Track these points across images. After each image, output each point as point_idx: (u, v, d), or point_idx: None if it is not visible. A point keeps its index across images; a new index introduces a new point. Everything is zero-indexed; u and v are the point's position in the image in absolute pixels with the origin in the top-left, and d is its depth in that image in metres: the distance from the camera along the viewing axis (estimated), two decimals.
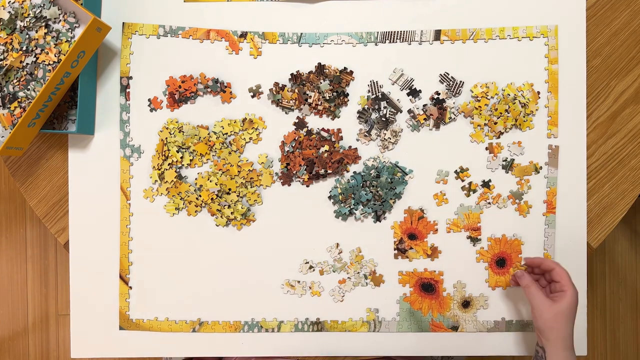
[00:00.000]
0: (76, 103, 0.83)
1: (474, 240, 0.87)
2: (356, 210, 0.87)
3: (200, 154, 0.87)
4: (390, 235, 0.88)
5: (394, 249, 0.88)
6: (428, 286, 0.88)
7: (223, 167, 0.87)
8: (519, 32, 0.87)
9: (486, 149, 0.87)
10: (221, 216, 0.87)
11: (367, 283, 0.88)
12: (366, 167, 0.87)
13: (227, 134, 0.87)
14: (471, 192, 0.87)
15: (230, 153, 0.87)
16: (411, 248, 0.87)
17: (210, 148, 0.87)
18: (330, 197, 0.87)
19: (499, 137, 0.87)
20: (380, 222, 0.88)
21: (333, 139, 0.87)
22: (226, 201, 0.87)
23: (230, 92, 0.88)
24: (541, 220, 0.87)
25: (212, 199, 0.87)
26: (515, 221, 0.87)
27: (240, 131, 0.87)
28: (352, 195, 0.87)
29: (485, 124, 0.87)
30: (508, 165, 0.87)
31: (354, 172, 0.87)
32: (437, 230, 0.87)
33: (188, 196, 0.87)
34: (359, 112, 0.88)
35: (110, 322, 0.89)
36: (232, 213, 0.87)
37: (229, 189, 0.87)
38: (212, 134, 0.87)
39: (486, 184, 0.87)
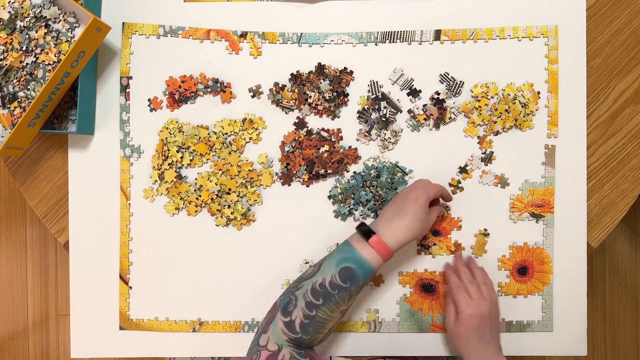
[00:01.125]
0: (76, 103, 0.83)
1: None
2: (356, 210, 0.87)
3: (200, 154, 0.87)
4: None
5: (417, 245, 0.88)
6: (428, 287, 0.88)
7: (223, 167, 0.87)
8: (519, 32, 0.87)
9: (478, 142, 0.87)
10: (221, 216, 0.87)
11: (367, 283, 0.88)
12: (366, 167, 0.87)
13: (227, 134, 0.87)
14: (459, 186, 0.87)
15: (230, 153, 0.87)
16: (434, 244, 0.87)
17: (210, 148, 0.87)
18: (330, 197, 0.87)
19: (496, 135, 0.87)
20: None
21: (333, 139, 0.87)
22: (226, 201, 0.87)
23: (230, 92, 0.88)
24: (540, 220, 0.87)
25: (212, 199, 0.87)
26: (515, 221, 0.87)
27: (240, 131, 0.87)
28: (352, 195, 0.87)
29: (485, 124, 0.87)
30: (487, 159, 0.86)
31: (354, 172, 0.87)
32: (460, 227, 0.87)
33: (188, 196, 0.87)
34: (359, 112, 0.88)
35: (110, 322, 0.89)
36: (232, 213, 0.87)
37: (229, 189, 0.87)
38: (212, 134, 0.87)
39: (463, 169, 0.87)
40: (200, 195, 0.87)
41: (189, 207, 0.88)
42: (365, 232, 0.74)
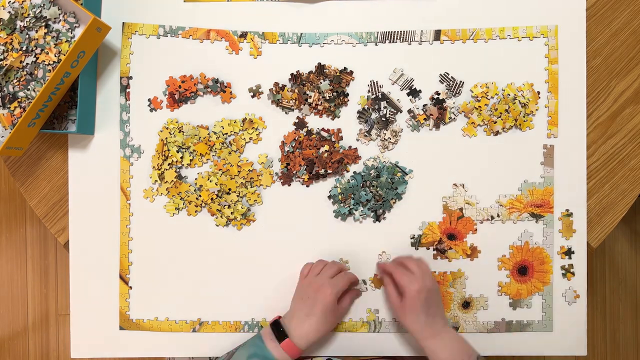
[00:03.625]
0: (76, 103, 0.83)
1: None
2: (356, 210, 0.87)
3: (200, 154, 0.87)
4: (389, 235, 0.88)
5: (433, 250, 0.88)
6: None
7: (223, 167, 0.87)
8: (519, 32, 0.87)
9: None
10: (221, 216, 0.87)
11: (367, 284, 0.88)
12: (366, 167, 0.87)
13: (227, 134, 0.87)
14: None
15: (230, 153, 0.87)
16: (450, 248, 0.87)
17: (210, 148, 0.87)
18: (330, 197, 0.87)
19: (496, 135, 0.87)
20: (379, 222, 0.88)
21: (333, 139, 0.87)
22: (226, 201, 0.87)
23: (230, 92, 0.88)
24: (540, 220, 0.87)
25: (212, 199, 0.87)
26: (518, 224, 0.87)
27: (240, 131, 0.87)
28: (352, 195, 0.87)
29: (485, 124, 0.87)
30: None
31: (354, 172, 0.87)
32: (476, 230, 0.87)
33: (188, 196, 0.87)
34: (359, 112, 0.88)
35: (110, 322, 0.89)
36: (232, 213, 0.87)
37: (229, 189, 0.87)
38: (212, 134, 0.87)
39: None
40: (200, 195, 0.87)
41: (189, 207, 0.88)
42: (278, 331, 0.78)
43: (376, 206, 0.87)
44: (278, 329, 0.78)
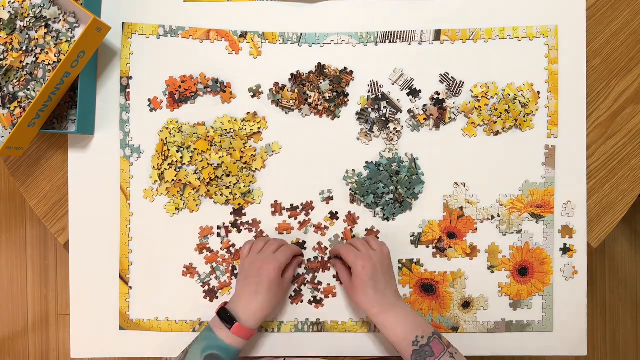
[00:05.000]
0: (76, 103, 0.83)
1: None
2: (377, 206, 0.87)
3: (202, 151, 0.87)
4: (390, 234, 0.88)
5: (433, 248, 0.88)
6: (428, 287, 0.88)
7: (227, 149, 0.86)
8: (519, 32, 0.87)
9: None
10: (220, 194, 0.87)
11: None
12: (381, 158, 0.86)
13: (227, 130, 0.87)
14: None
15: (234, 138, 0.86)
16: (450, 247, 0.87)
17: (210, 144, 0.87)
18: (350, 191, 0.87)
19: (496, 135, 0.87)
20: (388, 221, 0.87)
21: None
22: (224, 182, 0.86)
23: (230, 92, 0.88)
24: (540, 220, 0.87)
25: (211, 178, 0.86)
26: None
27: (242, 122, 0.87)
28: (367, 191, 0.86)
29: (485, 124, 0.87)
30: None
31: (367, 162, 0.87)
32: (476, 229, 0.87)
33: (187, 177, 0.86)
34: (358, 112, 0.88)
35: (110, 322, 0.89)
36: (230, 193, 0.86)
37: (229, 172, 0.86)
38: (209, 129, 0.87)
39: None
40: (201, 175, 0.86)
41: (189, 202, 0.87)
42: (227, 317, 0.76)
43: (396, 209, 0.86)
44: (226, 315, 0.76)
